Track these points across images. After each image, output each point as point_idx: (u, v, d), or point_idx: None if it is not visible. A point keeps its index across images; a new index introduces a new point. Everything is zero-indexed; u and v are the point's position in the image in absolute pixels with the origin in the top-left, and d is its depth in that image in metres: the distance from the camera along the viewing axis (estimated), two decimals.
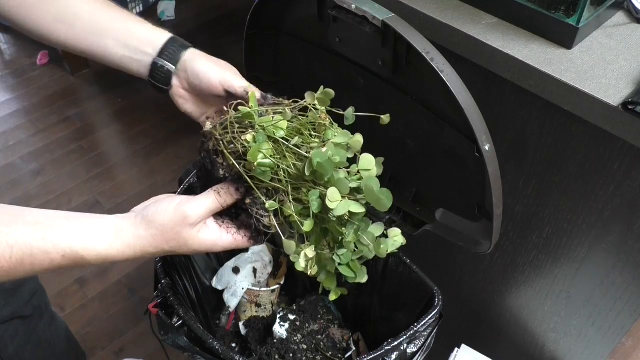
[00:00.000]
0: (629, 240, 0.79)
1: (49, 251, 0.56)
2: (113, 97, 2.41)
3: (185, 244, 0.61)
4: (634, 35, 0.79)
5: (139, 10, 2.77)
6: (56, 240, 0.56)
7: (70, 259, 0.57)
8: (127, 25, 0.71)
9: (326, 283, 0.66)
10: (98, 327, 1.66)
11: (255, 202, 0.61)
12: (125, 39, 0.71)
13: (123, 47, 0.71)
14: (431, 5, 0.84)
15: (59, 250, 0.57)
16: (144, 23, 0.73)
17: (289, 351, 0.88)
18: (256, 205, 0.61)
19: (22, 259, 0.55)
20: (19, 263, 0.55)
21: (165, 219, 0.60)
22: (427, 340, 0.73)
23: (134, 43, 0.71)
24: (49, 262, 0.56)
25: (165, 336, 0.74)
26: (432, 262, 1.13)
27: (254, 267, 0.99)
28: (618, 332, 0.90)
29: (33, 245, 0.55)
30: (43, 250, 0.56)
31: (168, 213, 0.60)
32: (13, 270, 0.55)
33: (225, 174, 0.62)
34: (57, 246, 0.56)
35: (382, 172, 0.62)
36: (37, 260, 0.56)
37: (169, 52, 0.70)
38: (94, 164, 2.14)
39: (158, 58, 0.70)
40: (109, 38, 0.71)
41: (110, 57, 0.72)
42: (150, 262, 0.79)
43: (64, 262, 0.57)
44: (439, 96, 0.64)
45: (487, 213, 0.67)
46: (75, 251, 0.57)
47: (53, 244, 0.56)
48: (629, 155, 0.73)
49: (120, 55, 0.71)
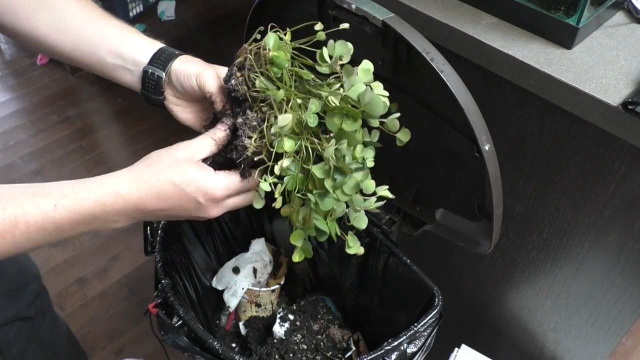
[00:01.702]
0: (629, 240, 0.79)
1: (40, 203, 0.54)
2: (113, 97, 2.41)
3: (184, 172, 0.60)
4: (634, 35, 0.79)
5: (139, 10, 2.77)
6: (47, 192, 0.55)
7: (63, 207, 0.55)
8: (122, 34, 0.70)
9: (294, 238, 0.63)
10: (98, 327, 1.66)
11: (247, 121, 0.61)
12: (120, 49, 0.70)
13: (116, 57, 0.70)
14: (431, 5, 0.84)
15: (51, 201, 0.55)
16: (138, 33, 0.72)
17: (289, 351, 0.88)
18: (246, 124, 0.61)
19: (16, 217, 0.53)
20: (12, 224, 0.53)
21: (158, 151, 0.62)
22: (427, 340, 0.73)
23: (128, 52, 0.70)
24: (43, 217, 0.54)
25: (165, 336, 0.74)
26: (432, 262, 1.13)
27: (254, 267, 0.99)
28: (618, 332, 0.90)
29: (24, 201, 0.54)
30: (34, 203, 0.54)
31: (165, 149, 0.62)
32: (9, 234, 0.54)
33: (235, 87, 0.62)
34: (48, 197, 0.55)
35: (382, 172, 0.62)
36: (31, 217, 0.54)
37: (159, 60, 0.69)
38: (94, 164, 2.14)
39: (148, 66, 0.69)
40: (102, 47, 0.70)
41: (103, 67, 0.71)
42: (150, 262, 0.79)
43: (57, 214, 0.55)
44: (439, 96, 0.64)
45: (487, 213, 0.67)
46: (66, 195, 0.55)
47: (44, 196, 0.55)
48: (629, 155, 0.73)
49: (113, 64, 0.70)
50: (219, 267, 1.00)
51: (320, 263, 1.00)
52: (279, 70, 0.60)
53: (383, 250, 0.85)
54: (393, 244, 0.84)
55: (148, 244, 0.82)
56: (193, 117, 0.73)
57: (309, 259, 1.01)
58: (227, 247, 1.01)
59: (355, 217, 0.62)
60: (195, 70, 0.67)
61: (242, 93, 0.63)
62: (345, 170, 0.58)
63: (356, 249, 0.64)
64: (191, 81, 0.67)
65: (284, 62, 0.60)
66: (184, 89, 0.69)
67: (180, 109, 0.72)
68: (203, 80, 0.66)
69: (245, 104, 0.63)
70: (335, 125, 0.56)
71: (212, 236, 0.98)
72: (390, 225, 0.83)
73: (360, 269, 0.92)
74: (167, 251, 0.84)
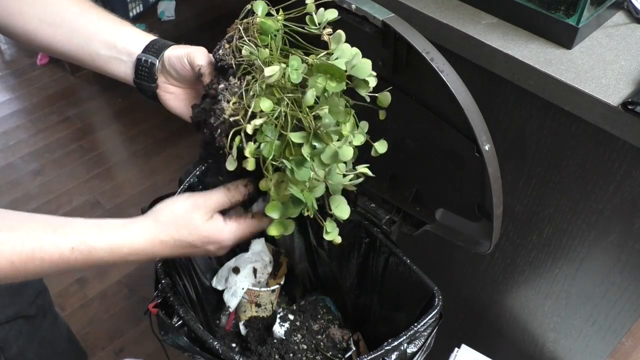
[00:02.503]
0: (629, 240, 0.79)
1: (58, 243, 0.56)
2: (113, 97, 2.41)
3: (196, 230, 0.63)
4: (634, 35, 0.79)
5: (139, 10, 2.77)
6: (66, 233, 0.57)
7: (80, 251, 0.57)
8: (115, 27, 0.71)
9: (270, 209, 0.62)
10: (98, 327, 1.66)
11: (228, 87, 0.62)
12: (114, 40, 0.70)
13: (110, 49, 0.71)
14: (431, 5, 0.84)
15: (69, 242, 0.57)
16: (131, 26, 0.73)
17: (289, 351, 0.88)
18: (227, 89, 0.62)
19: (33, 252, 0.55)
20: (29, 258, 0.55)
21: (177, 206, 0.64)
22: (427, 340, 0.73)
23: (122, 43, 0.71)
24: (59, 256, 0.56)
25: (165, 336, 0.74)
26: (432, 262, 1.13)
27: (254, 267, 0.99)
28: (618, 332, 0.90)
29: (43, 238, 0.55)
30: (53, 242, 0.56)
31: (180, 202, 0.64)
32: (23, 266, 0.55)
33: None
34: (66, 238, 0.57)
35: (383, 172, 0.62)
36: (47, 254, 0.56)
37: (153, 48, 0.70)
38: (94, 164, 2.14)
39: (142, 54, 0.70)
40: (95, 40, 0.70)
41: (96, 60, 0.72)
42: (150, 262, 0.79)
43: (73, 255, 0.57)
44: (439, 96, 0.64)
45: (487, 213, 0.67)
46: (85, 242, 0.57)
47: (63, 236, 0.57)
48: (629, 155, 0.73)
49: (107, 56, 0.71)
50: (219, 267, 1.00)
51: (320, 263, 1.00)
52: (266, 38, 0.61)
53: (383, 250, 0.85)
54: (393, 244, 0.84)
55: None
56: (184, 106, 0.74)
57: (309, 259, 1.02)
58: None
59: (338, 207, 0.62)
60: (186, 51, 0.69)
61: (228, 62, 0.64)
62: (324, 138, 0.58)
63: (333, 235, 0.64)
64: (183, 61, 0.69)
65: (270, 28, 0.60)
66: (176, 71, 0.70)
67: (172, 96, 0.73)
68: (193, 56, 0.68)
69: (230, 71, 0.64)
70: (318, 87, 0.56)
71: None
72: (390, 225, 0.83)
73: (360, 269, 0.92)
74: None
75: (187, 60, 0.68)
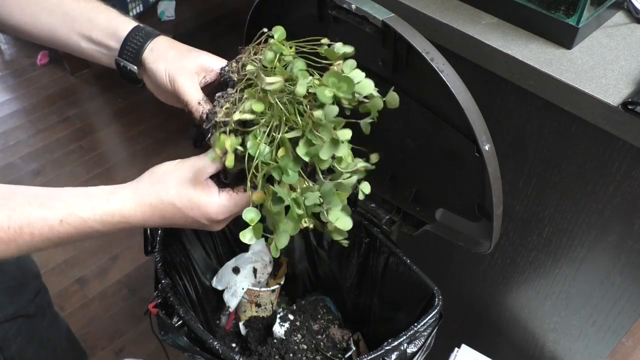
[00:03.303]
0: (629, 240, 0.79)
1: (46, 217, 0.55)
2: (113, 97, 2.41)
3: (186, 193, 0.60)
4: (634, 35, 0.79)
5: (139, 10, 2.77)
6: (53, 206, 0.55)
7: (69, 223, 0.56)
8: (89, 17, 0.69)
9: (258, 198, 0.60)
10: (98, 327, 1.66)
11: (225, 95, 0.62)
12: (90, 32, 0.68)
13: (88, 41, 0.69)
14: (431, 5, 0.84)
15: (57, 215, 0.55)
16: (108, 12, 0.70)
17: (289, 351, 0.88)
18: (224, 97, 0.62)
19: (21, 227, 0.54)
20: (17, 233, 0.54)
21: (166, 168, 0.61)
22: (427, 340, 0.73)
23: (98, 36, 0.68)
24: (48, 230, 0.55)
25: (165, 336, 0.74)
26: (432, 262, 1.13)
27: (254, 267, 0.99)
28: (618, 332, 0.90)
29: (31, 213, 0.54)
30: (41, 216, 0.55)
31: (169, 164, 0.61)
32: (12, 242, 0.54)
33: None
34: (54, 211, 0.55)
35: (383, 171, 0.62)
36: (36, 229, 0.55)
37: (130, 49, 0.67)
38: (94, 164, 2.14)
39: (119, 58, 0.68)
40: (73, 31, 0.69)
41: (81, 51, 0.70)
42: (150, 262, 0.79)
43: (63, 228, 0.56)
44: (439, 96, 0.64)
45: (487, 213, 0.68)
46: (73, 213, 0.56)
47: (50, 209, 0.55)
48: (629, 155, 0.73)
49: (86, 48, 0.69)
50: (219, 267, 1.00)
51: (320, 263, 1.00)
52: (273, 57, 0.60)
53: (383, 250, 0.85)
54: (393, 244, 0.84)
55: (148, 244, 0.82)
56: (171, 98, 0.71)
57: (309, 259, 1.02)
58: (227, 247, 1.01)
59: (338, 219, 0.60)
60: (170, 73, 0.66)
61: (231, 77, 0.64)
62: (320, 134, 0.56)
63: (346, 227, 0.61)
64: (165, 82, 0.66)
65: (281, 49, 0.60)
66: (158, 85, 0.68)
67: (160, 91, 0.70)
68: (178, 86, 0.65)
69: (230, 83, 0.64)
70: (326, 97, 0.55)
71: (212, 236, 0.98)
72: (390, 225, 0.83)
73: (360, 269, 0.92)
74: (167, 251, 0.84)
75: (170, 86, 0.66)
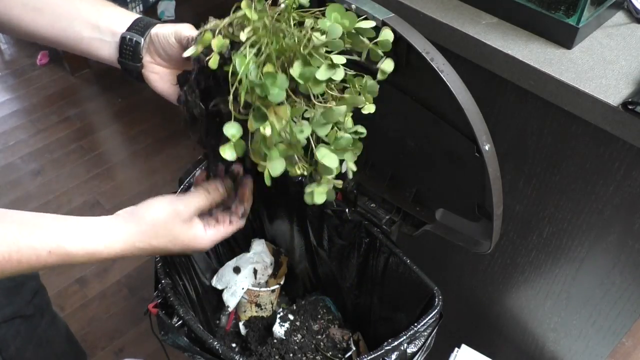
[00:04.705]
0: (629, 240, 0.79)
1: (35, 247, 0.56)
2: (113, 97, 2.41)
3: (175, 239, 0.64)
4: (634, 35, 0.79)
5: (139, 10, 2.77)
6: (43, 236, 0.57)
7: (56, 254, 0.57)
8: (97, 8, 0.70)
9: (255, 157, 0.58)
10: (98, 327, 1.66)
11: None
12: (97, 21, 0.69)
13: (93, 29, 0.69)
14: (431, 5, 0.84)
15: (45, 246, 0.57)
16: (114, 6, 0.72)
17: (289, 351, 0.88)
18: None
19: (10, 254, 0.55)
20: (5, 259, 0.55)
21: (157, 214, 0.63)
22: (427, 340, 0.73)
23: (105, 23, 0.69)
24: (36, 259, 0.57)
25: (165, 336, 0.74)
26: (432, 262, 1.13)
27: (254, 267, 0.99)
28: (618, 332, 0.90)
29: (20, 241, 0.55)
30: (30, 245, 0.56)
31: (160, 209, 0.63)
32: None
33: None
34: (43, 242, 0.57)
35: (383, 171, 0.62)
36: (24, 257, 0.56)
37: (137, 27, 0.69)
38: (94, 164, 2.14)
39: (126, 32, 0.69)
40: (78, 21, 0.69)
41: (80, 43, 0.71)
42: (150, 262, 0.79)
43: (50, 259, 0.57)
44: (439, 96, 0.64)
45: (487, 213, 0.67)
46: (62, 246, 0.57)
47: (39, 239, 0.57)
48: (629, 155, 0.73)
49: (90, 37, 0.70)
50: (219, 267, 1.00)
51: (320, 263, 1.00)
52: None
53: (383, 250, 0.85)
54: (393, 244, 0.84)
55: None
56: (170, 87, 0.72)
57: (309, 259, 1.02)
58: (227, 247, 1.01)
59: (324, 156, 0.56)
60: (173, 29, 0.68)
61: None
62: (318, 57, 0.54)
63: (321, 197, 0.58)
64: (170, 39, 0.67)
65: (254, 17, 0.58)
66: (164, 49, 0.68)
67: (157, 77, 0.71)
68: (180, 31, 0.67)
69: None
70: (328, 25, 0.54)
71: None
72: (390, 225, 0.83)
73: (360, 269, 0.92)
74: None
75: (174, 37, 0.67)
